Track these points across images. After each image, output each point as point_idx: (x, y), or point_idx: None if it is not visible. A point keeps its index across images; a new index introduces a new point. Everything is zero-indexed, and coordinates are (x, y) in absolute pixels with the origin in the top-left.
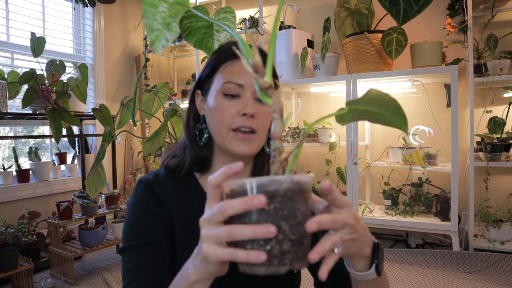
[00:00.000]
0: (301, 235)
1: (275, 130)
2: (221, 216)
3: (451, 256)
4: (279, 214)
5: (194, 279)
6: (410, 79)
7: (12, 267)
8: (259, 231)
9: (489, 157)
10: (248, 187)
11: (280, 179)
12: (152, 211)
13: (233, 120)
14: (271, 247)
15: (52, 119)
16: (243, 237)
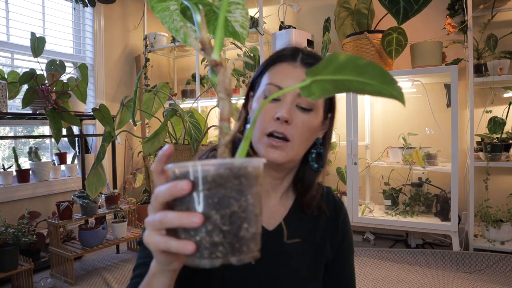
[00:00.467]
0: (237, 227)
1: (222, 111)
2: (155, 202)
3: (451, 256)
4: (208, 202)
5: (153, 272)
6: (410, 79)
7: (12, 267)
8: (184, 219)
9: (489, 157)
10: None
11: (211, 163)
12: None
13: (268, 124)
14: (200, 237)
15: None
16: (171, 224)
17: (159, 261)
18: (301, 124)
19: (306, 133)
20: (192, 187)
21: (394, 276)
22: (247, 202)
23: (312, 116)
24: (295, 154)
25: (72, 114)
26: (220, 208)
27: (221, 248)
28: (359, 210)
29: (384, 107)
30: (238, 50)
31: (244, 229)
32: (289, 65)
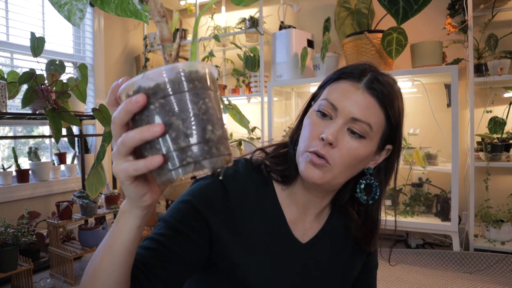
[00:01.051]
0: (201, 129)
1: (161, 33)
2: (114, 126)
3: (451, 256)
4: (166, 109)
5: (123, 209)
6: (410, 79)
7: (11, 267)
8: (145, 132)
9: (490, 157)
10: (135, 89)
11: (156, 71)
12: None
13: (312, 142)
14: (167, 148)
15: (51, 119)
16: (133, 142)
17: (130, 195)
18: (346, 150)
19: (350, 161)
20: (146, 99)
21: (394, 276)
22: (206, 105)
23: (363, 144)
24: (333, 178)
25: (72, 114)
26: (180, 113)
27: (190, 153)
28: None
29: None
30: (238, 50)
31: (209, 131)
32: (351, 85)
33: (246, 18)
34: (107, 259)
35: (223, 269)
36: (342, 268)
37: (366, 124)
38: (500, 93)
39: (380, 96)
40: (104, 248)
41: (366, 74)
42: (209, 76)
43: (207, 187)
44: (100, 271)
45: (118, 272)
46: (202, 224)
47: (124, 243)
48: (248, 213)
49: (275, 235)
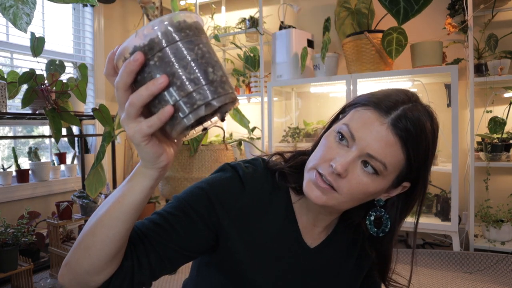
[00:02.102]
0: (203, 72)
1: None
2: (118, 92)
3: (451, 256)
4: (165, 61)
5: (137, 172)
6: (410, 79)
7: (11, 267)
8: (151, 87)
9: (490, 157)
10: (131, 50)
11: (147, 27)
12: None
13: (323, 164)
14: (175, 97)
15: (51, 119)
16: (142, 100)
17: (147, 157)
18: (355, 183)
19: (358, 194)
20: (144, 56)
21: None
22: (202, 50)
23: (374, 181)
24: (337, 204)
25: (72, 114)
26: (180, 61)
27: (198, 96)
28: None
29: None
30: (238, 50)
31: (210, 72)
32: (377, 118)
33: (246, 18)
34: (113, 213)
35: (228, 267)
36: (349, 273)
37: (382, 163)
38: (500, 93)
39: (404, 135)
40: (111, 203)
41: (397, 108)
42: (198, 25)
43: (225, 181)
44: (103, 223)
45: (120, 228)
46: (212, 216)
47: (134, 201)
48: (261, 213)
49: (285, 238)
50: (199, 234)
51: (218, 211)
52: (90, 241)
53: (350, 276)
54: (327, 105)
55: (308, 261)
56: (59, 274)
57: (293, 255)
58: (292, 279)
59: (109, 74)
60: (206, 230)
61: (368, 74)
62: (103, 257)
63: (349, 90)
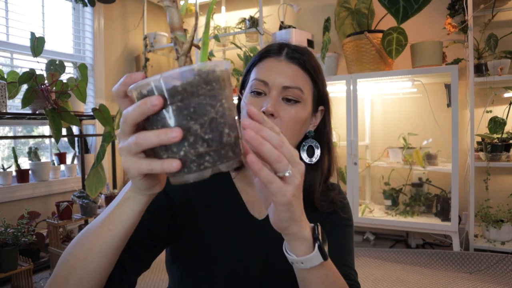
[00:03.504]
0: (219, 133)
1: (172, 20)
2: (125, 125)
3: (451, 256)
4: (184, 113)
5: (128, 196)
6: (410, 79)
7: (11, 268)
8: (163, 136)
9: (490, 157)
10: (152, 86)
11: (175, 73)
12: (170, 188)
13: None
14: (184, 152)
15: (51, 119)
16: (149, 144)
17: (139, 187)
18: (287, 117)
19: (294, 126)
20: (163, 102)
21: (394, 276)
22: (223, 107)
23: (300, 108)
24: None
25: (72, 114)
26: (198, 117)
27: (208, 158)
28: (359, 210)
29: (384, 107)
30: (238, 50)
31: (226, 134)
32: (274, 60)
33: (246, 18)
34: (104, 242)
35: (189, 253)
36: None
37: (297, 89)
38: (500, 93)
39: (302, 62)
40: (99, 232)
41: (284, 48)
42: (225, 75)
43: None
44: (94, 253)
45: (112, 255)
46: (166, 201)
47: (124, 227)
48: (208, 195)
49: (233, 214)
50: (163, 223)
51: (174, 200)
52: (81, 274)
53: None
54: None
55: (259, 233)
56: None
57: (243, 229)
58: (248, 253)
59: (119, 95)
60: (168, 217)
61: (368, 74)
62: (97, 284)
63: (349, 90)
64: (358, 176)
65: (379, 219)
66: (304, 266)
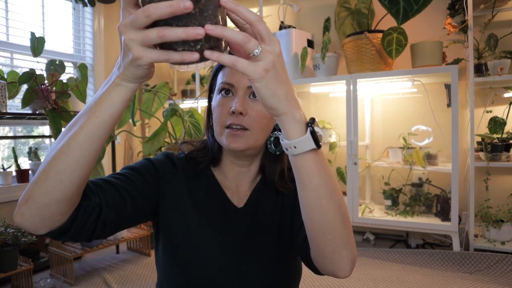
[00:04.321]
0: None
1: None
2: (146, 19)
3: (451, 256)
4: (204, 15)
5: (117, 82)
6: (410, 79)
7: (11, 267)
8: (190, 32)
9: (490, 157)
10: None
11: None
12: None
13: (226, 118)
14: (200, 45)
15: (51, 119)
16: (174, 38)
17: (138, 74)
18: (255, 113)
19: (262, 121)
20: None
21: (394, 276)
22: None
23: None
24: (255, 141)
25: (72, 114)
26: (213, 19)
27: (216, 50)
28: (359, 210)
29: (384, 107)
30: None
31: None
32: None
33: None
34: (90, 129)
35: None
36: (280, 220)
37: None
38: (500, 93)
39: None
40: (86, 120)
41: None
42: None
43: (163, 160)
44: (78, 141)
45: (96, 145)
46: (156, 175)
47: (112, 114)
48: (191, 185)
49: (215, 203)
50: (148, 186)
51: (161, 177)
52: (63, 164)
53: (282, 220)
54: (327, 105)
55: (238, 219)
56: (16, 214)
57: (224, 214)
58: (227, 236)
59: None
60: (154, 186)
61: (368, 74)
62: (76, 181)
63: (349, 90)
64: (358, 176)
65: (379, 219)
66: (297, 151)
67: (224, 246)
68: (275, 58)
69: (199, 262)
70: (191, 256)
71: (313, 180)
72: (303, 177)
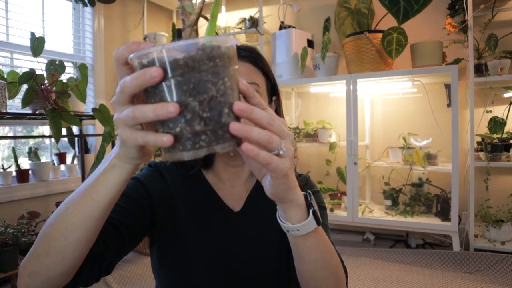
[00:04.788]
0: (218, 113)
1: None
2: (122, 95)
3: (451, 256)
4: (183, 89)
5: (113, 163)
6: (410, 79)
7: (11, 268)
8: (158, 111)
9: (490, 157)
10: (153, 57)
11: (178, 45)
12: (150, 183)
13: None
14: (180, 128)
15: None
16: (145, 118)
17: (131, 156)
18: None
19: None
20: (163, 73)
21: (394, 276)
22: (225, 85)
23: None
24: None
25: (72, 114)
26: (197, 94)
27: (204, 137)
28: (359, 210)
29: (384, 107)
30: None
31: (225, 114)
32: None
33: (246, 18)
34: (86, 212)
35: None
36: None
37: (254, 84)
38: (500, 93)
39: (253, 59)
40: (81, 201)
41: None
42: (231, 52)
43: (149, 174)
44: (75, 224)
45: (94, 226)
46: (146, 193)
47: (108, 196)
48: (184, 194)
49: (210, 207)
50: (143, 210)
51: (151, 194)
52: (63, 245)
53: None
54: (327, 105)
55: (236, 224)
56: (20, 283)
57: (221, 220)
58: (226, 242)
59: (119, 61)
60: (146, 205)
61: (368, 74)
62: (78, 256)
63: (349, 90)
64: (358, 176)
65: (379, 219)
66: (299, 233)
67: (222, 253)
68: (293, 152)
69: (197, 270)
70: (189, 264)
71: (312, 255)
72: (302, 254)
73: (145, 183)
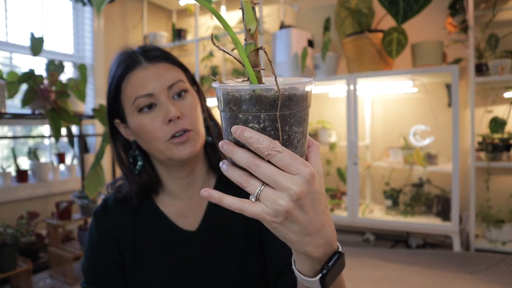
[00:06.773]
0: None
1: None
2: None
3: (452, 256)
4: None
5: None
6: (411, 78)
7: (11, 268)
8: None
9: (490, 157)
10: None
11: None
12: (103, 248)
13: (164, 132)
14: None
15: (51, 119)
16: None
17: None
18: (188, 110)
19: (194, 113)
20: None
21: (394, 277)
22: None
23: (190, 96)
24: (201, 136)
25: (72, 114)
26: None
27: None
28: (360, 210)
29: (384, 107)
30: None
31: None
32: (141, 70)
33: None
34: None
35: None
36: (243, 232)
37: (179, 81)
38: (501, 93)
39: (165, 57)
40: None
41: (139, 55)
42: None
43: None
44: None
45: None
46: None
47: None
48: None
49: (160, 233)
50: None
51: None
52: None
53: (246, 232)
54: (327, 105)
55: (190, 245)
56: None
57: (172, 244)
58: (179, 267)
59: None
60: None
61: (368, 74)
62: None
63: (349, 89)
64: (358, 176)
65: (379, 220)
66: (300, 280)
67: (177, 278)
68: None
69: None
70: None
71: None
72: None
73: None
